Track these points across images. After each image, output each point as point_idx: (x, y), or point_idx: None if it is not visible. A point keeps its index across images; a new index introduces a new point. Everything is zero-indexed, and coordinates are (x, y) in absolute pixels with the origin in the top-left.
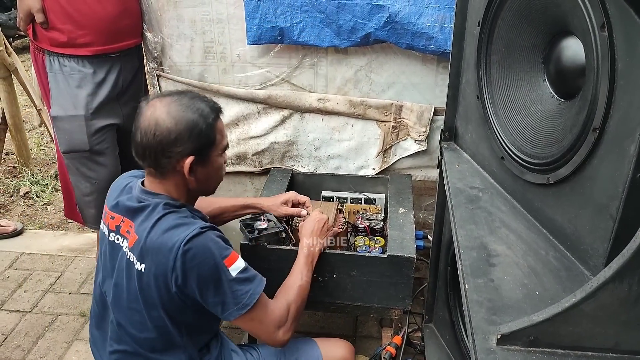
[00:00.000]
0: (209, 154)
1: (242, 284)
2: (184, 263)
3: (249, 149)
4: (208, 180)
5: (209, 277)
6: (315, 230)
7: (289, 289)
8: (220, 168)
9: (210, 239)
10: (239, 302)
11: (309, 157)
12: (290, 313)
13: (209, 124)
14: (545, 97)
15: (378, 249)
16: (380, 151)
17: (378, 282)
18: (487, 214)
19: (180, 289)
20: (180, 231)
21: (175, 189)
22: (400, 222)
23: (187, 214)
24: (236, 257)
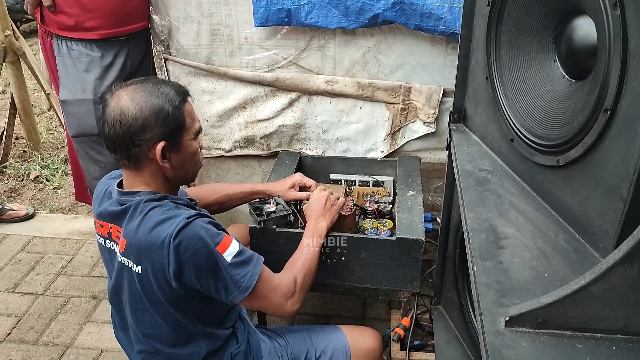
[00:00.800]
0: (180, 138)
1: (239, 268)
2: (178, 257)
3: (256, 132)
4: (184, 167)
5: (205, 266)
6: (319, 209)
7: (294, 263)
8: (195, 153)
9: (200, 227)
10: (240, 286)
11: (317, 140)
12: (297, 284)
13: (176, 107)
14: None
15: (386, 231)
16: (388, 133)
17: (387, 265)
18: (496, 196)
19: (180, 283)
20: (167, 226)
21: (153, 180)
22: (408, 204)
23: (169, 205)
24: (229, 242)
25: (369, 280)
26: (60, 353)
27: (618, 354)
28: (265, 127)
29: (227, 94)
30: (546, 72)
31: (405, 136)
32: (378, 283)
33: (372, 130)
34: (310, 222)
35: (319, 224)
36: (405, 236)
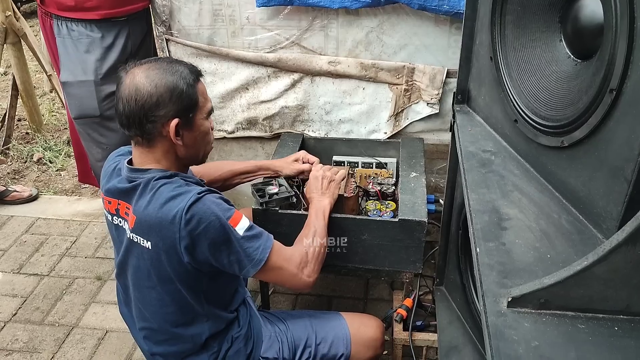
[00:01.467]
0: (193, 116)
1: (252, 241)
2: (191, 232)
3: (259, 114)
4: (196, 146)
5: (219, 239)
6: (318, 188)
7: (303, 237)
8: (207, 133)
9: (211, 201)
10: (253, 259)
11: (320, 122)
12: (309, 255)
13: (190, 85)
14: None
15: (389, 213)
16: (391, 115)
17: (389, 246)
18: (499, 177)
19: (192, 258)
20: (178, 201)
21: (165, 158)
22: (411, 186)
23: (180, 182)
24: (240, 216)
25: (371, 261)
26: (66, 333)
27: (620, 334)
28: (267, 108)
29: (229, 75)
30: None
31: (409, 117)
32: (381, 264)
33: (375, 112)
34: (312, 202)
35: (321, 202)
36: (408, 217)
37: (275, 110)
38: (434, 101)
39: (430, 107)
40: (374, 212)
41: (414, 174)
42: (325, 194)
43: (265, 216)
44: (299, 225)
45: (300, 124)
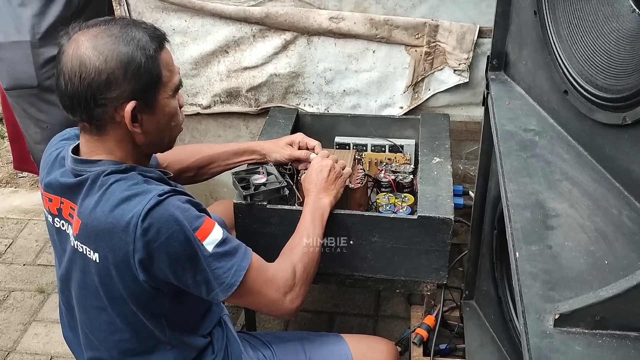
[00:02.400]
0: (155, 96)
1: (223, 260)
2: (147, 244)
3: (242, 84)
4: (159, 131)
5: (182, 255)
6: (320, 182)
7: (292, 249)
8: (173, 114)
9: (175, 206)
10: (222, 282)
11: (319, 93)
12: (297, 275)
13: (150, 57)
14: (623, 12)
15: (406, 208)
16: (409, 84)
17: (406, 250)
18: (544, 163)
19: (149, 275)
20: (134, 204)
21: (119, 148)
22: (434, 174)
23: (137, 179)
24: (211, 227)
25: (383, 269)
26: None
27: None
28: (252, 77)
29: (204, 35)
30: (611, 5)
31: (431, 88)
32: (395, 273)
33: (389, 81)
34: (309, 197)
35: (321, 200)
36: (430, 214)
37: (262, 79)
38: (462, 67)
39: (457, 75)
40: (386, 207)
41: (437, 159)
42: (328, 190)
43: (249, 213)
44: (292, 224)
45: (293, 97)
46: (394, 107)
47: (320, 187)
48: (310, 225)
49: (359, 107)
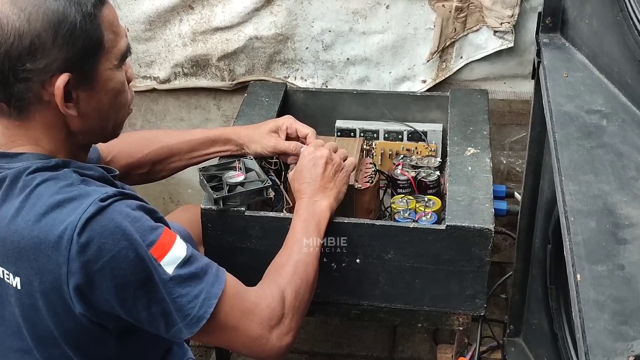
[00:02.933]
0: (95, 67)
1: (187, 285)
2: (86, 265)
3: (211, 50)
4: (102, 115)
5: (133, 279)
6: (314, 179)
7: (279, 269)
8: (119, 91)
9: (123, 215)
10: (187, 315)
11: (315, 63)
12: (287, 303)
13: (88, 14)
14: None
15: (431, 215)
16: (435, 51)
17: (431, 271)
18: (614, 156)
19: (89, 308)
20: (67, 212)
21: (47, 137)
22: (467, 170)
23: (71, 178)
24: (171, 241)
25: (400, 296)
26: None
27: None
28: (226, 40)
29: None
30: None
31: (463, 55)
32: (416, 301)
33: (408, 46)
34: (301, 201)
35: (316, 204)
36: (462, 223)
37: (239, 44)
38: (505, 28)
39: (499, 38)
40: (405, 214)
41: (472, 150)
42: (325, 189)
43: (222, 222)
44: (279, 237)
45: (281, 67)
46: (414, 80)
47: (315, 186)
48: (303, 236)
49: (367, 80)
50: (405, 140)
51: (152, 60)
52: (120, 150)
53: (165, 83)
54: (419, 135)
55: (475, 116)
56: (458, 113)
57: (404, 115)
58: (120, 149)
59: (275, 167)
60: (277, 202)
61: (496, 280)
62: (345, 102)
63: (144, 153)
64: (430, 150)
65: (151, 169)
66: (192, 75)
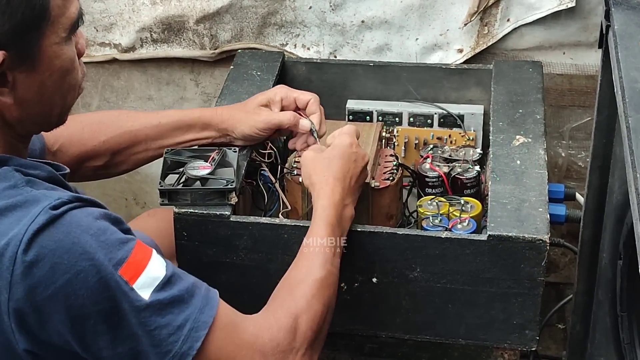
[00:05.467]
0: (37, 42)
1: (168, 313)
2: (33, 290)
3: (187, 9)
4: (45, 100)
5: (92, 310)
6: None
7: (294, 289)
8: (68, 69)
9: (83, 227)
10: (166, 353)
11: (320, 26)
12: (299, 334)
13: None
14: None
15: (468, 222)
16: (475, 12)
17: (468, 294)
18: None
19: (35, 343)
20: (9, 223)
21: None
22: (516, 164)
23: (14, 178)
24: (146, 257)
25: (429, 326)
26: None
27: None
28: None
29: None
30: None
31: (511, 17)
32: (449, 332)
33: (439, 5)
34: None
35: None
36: (509, 233)
37: (224, 2)
38: None
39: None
40: (435, 220)
41: (521, 138)
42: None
43: (200, 229)
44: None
45: (277, 32)
46: (447, 49)
47: (349, 186)
48: (328, 248)
49: (388, 49)
50: (435, 126)
51: (111, 22)
52: (70, 137)
53: (128, 52)
54: (454, 119)
55: (526, 95)
56: (504, 91)
57: (434, 94)
58: (70, 136)
59: (270, 160)
60: (271, 205)
61: (552, 305)
62: (359, 77)
63: (100, 140)
64: (467, 139)
65: (109, 161)
66: (163, 42)
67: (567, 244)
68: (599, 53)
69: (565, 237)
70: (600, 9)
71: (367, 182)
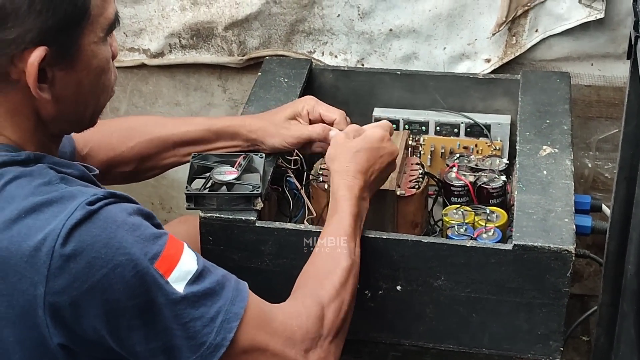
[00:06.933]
0: (77, 39)
1: (201, 305)
2: (70, 284)
3: (216, 16)
4: (80, 99)
5: (127, 305)
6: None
7: (324, 279)
8: (103, 69)
9: (119, 222)
10: (201, 345)
11: (348, 35)
12: (326, 322)
13: None
14: None
15: (494, 232)
16: (503, 21)
17: (492, 303)
18: None
19: (70, 338)
20: (46, 218)
21: (12, 124)
22: (542, 175)
23: (48, 175)
24: (179, 251)
25: (453, 334)
26: None
27: None
28: (235, 4)
29: None
30: None
31: (539, 28)
32: (473, 341)
33: (468, 14)
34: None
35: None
36: (534, 243)
37: (252, 9)
38: None
39: (585, 7)
40: (460, 229)
41: (548, 149)
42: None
43: (226, 234)
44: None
45: (304, 40)
46: (475, 59)
47: (372, 179)
48: (352, 237)
49: (415, 58)
50: (462, 135)
51: (141, 28)
52: (99, 142)
53: (157, 57)
54: (480, 129)
55: (554, 106)
56: (531, 102)
57: (461, 104)
58: (99, 141)
59: (296, 167)
60: (297, 211)
61: (576, 317)
62: (386, 85)
63: (129, 146)
64: (494, 148)
65: (138, 166)
66: (191, 47)
67: (592, 255)
68: (628, 64)
69: (590, 248)
70: (629, 20)
71: (392, 190)
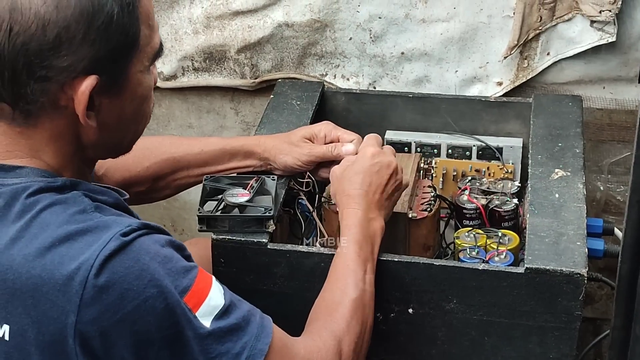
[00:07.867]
0: (126, 69)
1: (227, 341)
2: (102, 314)
3: (229, 39)
4: (122, 126)
5: (156, 336)
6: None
7: (334, 312)
8: (146, 97)
9: (152, 254)
10: None
11: (360, 58)
12: (344, 356)
13: (127, 4)
14: None
15: (506, 255)
16: (515, 45)
17: (504, 327)
18: None
19: None
20: (80, 247)
21: (52, 149)
22: (555, 198)
23: (83, 203)
24: (207, 285)
25: (465, 358)
26: None
27: None
28: (248, 27)
29: None
30: None
31: (551, 51)
32: None
33: (479, 38)
34: (351, 213)
35: (372, 222)
36: (546, 266)
37: (265, 32)
38: (605, 17)
39: (597, 30)
40: (472, 252)
41: (560, 172)
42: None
43: (238, 256)
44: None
45: (317, 63)
46: (487, 82)
47: (373, 198)
48: (358, 266)
49: (427, 81)
50: (474, 158)
51: None
52: (115, 163)
53: (170, 80)
54: (492, 152)
55: (566, 129)
56: (543, 125)
57: (473, 126)
58: (115, 162)
59: (308, 189)
60: (309, 233)
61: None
62: (398, 108)
63: (144, 166)
64: (506, 171)
65: (152, 186)
66: (204, 70)
67: (605, 278)
68: (639, 88)
69: (602, 271)
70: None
71: (404, 213)
